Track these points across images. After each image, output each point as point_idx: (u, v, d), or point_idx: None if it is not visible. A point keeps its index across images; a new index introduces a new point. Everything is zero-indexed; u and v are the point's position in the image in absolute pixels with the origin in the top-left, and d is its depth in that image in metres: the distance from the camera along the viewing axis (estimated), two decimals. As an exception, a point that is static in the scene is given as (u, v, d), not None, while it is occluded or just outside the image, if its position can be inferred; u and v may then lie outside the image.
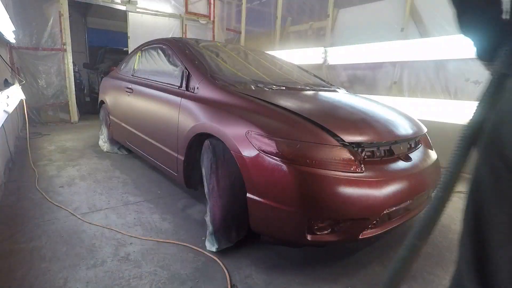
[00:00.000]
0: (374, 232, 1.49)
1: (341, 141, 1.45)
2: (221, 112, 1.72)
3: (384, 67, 4.31)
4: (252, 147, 1.46)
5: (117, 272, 1.48)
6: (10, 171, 2.78)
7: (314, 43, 5.38)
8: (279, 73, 2.56)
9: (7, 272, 1.44)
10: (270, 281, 1.47)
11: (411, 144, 1.84)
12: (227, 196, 1.62)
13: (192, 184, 2.13)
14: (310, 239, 1.39)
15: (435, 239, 1.95)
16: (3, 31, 3.15)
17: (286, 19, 6.05)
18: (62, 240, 1.73)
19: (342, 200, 1.35)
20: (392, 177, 1.50)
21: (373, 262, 1.67)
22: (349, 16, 4.86)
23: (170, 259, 1.60)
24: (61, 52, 5.05)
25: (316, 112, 1.74)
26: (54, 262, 1.52)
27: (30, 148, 3.22)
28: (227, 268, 1.53)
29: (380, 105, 2.17)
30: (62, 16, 4.95)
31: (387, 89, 4.29)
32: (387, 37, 4.09)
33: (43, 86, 5.02)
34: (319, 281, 1.49)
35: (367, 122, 1.69)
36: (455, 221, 2.24)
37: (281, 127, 1.47)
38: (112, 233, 1.83)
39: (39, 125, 4.97)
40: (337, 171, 1.38)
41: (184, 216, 2.10)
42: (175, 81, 2.19)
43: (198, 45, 2.51)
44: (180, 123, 2.03)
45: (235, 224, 1.65)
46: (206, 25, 6.91)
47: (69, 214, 2.02)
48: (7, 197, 2.25)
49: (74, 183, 2.59)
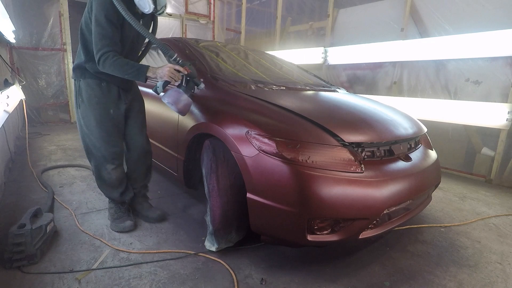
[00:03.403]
0: (374, 232, 1.49)
1: (341, 141, 1.45)
2: (221, 112, 1.72)
3: (384, 67, 4.31)
4: (252, 147, 1.46)
5: (117, 272, 1.48)
6: (10, 171, 2.78)
7: (314, 43, 5.38)
8: (279, 73, 2.56)
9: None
10: (270, 281, 1.47)
11: (411, 144, 1.84)
12: (227, 196, 1.62)
13: (192, 184, 2.13)
14: (310, 239, 1.39)
15: (435, 239, 1.96)
16: (3, 31, 3.15)
17: (286, 19, 6.05)
18: (62, 240, 1.73)
19: (342, 200, 1.35)
20: (392, 177, 1.50)
21: (373, 262, 1.67)
22: (349, 16, 4.86)
23: (170, 259, 1.60)
24: (61, 52, 5.05)
25: (316, 112, 1.73)
26: (54, 262, 1.52)
27: (29, 148, 3.22)
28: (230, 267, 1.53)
29: (380, 105, 2.17)
30: (62, 16, 4.95)
31: (387, 89, 4.29)
32: (387, 37, 4.09)
33: (43, 86, 5.02)
34: (319, 281, 1.49)
35: (367, 122, 1.69)
36: (455, 221, 2.24)
37: (281, 127, 1.47)
38: (112, 233, 1.83)
39: (39, 125, 4.98)
40: (337, 171, 1.38)
41: (184, 216, 2.10)
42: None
43: (198, 45, 2.51)
44: (180, 123, 2.03)
45: (235, 224, 1.65)
46: (206, 25, 6.91)
47: (70, 214, 2.02)
48: (7, 197, 2.25)
49: (74, 183, 2.59)
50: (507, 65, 3.14)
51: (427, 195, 1.92)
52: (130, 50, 1.75)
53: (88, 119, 1.73)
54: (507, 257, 1.81)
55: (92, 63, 1.64)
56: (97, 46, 1.54)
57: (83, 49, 1.68)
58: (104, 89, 1.73)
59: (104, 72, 1.62)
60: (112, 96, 1.76)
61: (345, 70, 4.85)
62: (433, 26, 3.76)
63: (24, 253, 1.47)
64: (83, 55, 1.68)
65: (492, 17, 3.25)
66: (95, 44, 1.54)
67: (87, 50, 1.67)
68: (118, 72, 1.57)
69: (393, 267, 1.64)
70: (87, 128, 1.74)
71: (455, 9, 3.56)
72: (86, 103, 1.71)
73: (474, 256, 1.79)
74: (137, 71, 1.57)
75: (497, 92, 3.24)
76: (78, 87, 1.72)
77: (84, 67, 1.69)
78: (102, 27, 1.52)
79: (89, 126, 1.74)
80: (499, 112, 3.00)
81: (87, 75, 1.70)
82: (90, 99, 1.71)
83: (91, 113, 1.71)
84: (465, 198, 2.75)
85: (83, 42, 1.67)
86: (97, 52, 1.54)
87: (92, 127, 1.73)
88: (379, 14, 4.38)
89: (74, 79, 1.75)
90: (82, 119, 1.75)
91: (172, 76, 1.58)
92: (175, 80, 1.60)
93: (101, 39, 1.52)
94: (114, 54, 1.55)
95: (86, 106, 1.71)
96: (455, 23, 3.55)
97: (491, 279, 1.59)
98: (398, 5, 4.09)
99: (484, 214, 2.39)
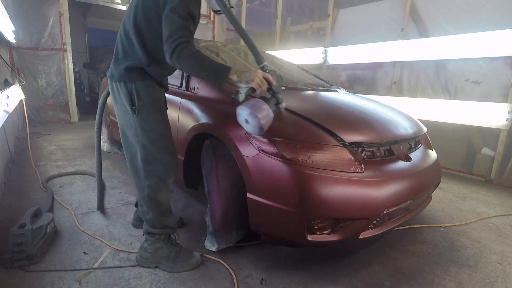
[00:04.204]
0: (374, 232, 1.49)
1: (341, 141, 1.45)
2: (221, 112, 1.72)
3: (384, 67, 4.31)
4: (252, 147, 1.46)
5: (117, 272, 1.48)
6: (10, 171, 2.78)
7: (314, 43, 5.38)
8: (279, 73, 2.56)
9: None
10: (270, 281, 1.47)
11: (411, 144, 1.84)
12: (227, 196, 1.62)
13: (192, 184, 2.13)
14: (310, 239, 1.39)
15: (435, 239, 1.96)
16: (3, 31, 3.15)
17: (286, 19, 6.05)
18: (62, 239, 1.73)
19: (342, 200, 1.35)
20: (392, 177, 1.50)
21: (373, 262, 1.67)
22: (349, 16, 4.86)
23: (170, 259, 1.60)
24: (61, 52, 5.05)
25: (316, 112, 1.73)
26: (54, 262, 1.52)
27: (30, 148, 3.22)
28: (230, 267, 1.53)
29: (380, 105, 2.17)
30: (62, 16, 4.94)
31: (387, 89, 4.29)
32: (387, 37, 4.09)
33: (43, 86, 5.02)
34: (319, 281, 1.49)
35: (367, 122, 1.69)
36: (455, 221, 2.24)
37: (281, 127, 1.47)
38: (112, 233, 1.83)
39: (39, 125, 4.98)
40: (337, 171, 1.38)
41: (184, 216, 2.10)
42: (175, 81, 2.18)
43: (198, 45, 2.50)
44: (180, 123, 2.03)
45: (235, 224, 1.65)
46: (206, 25, 6.91)
47: (70, 214, 2.02)
48: (7, 197, 2.25)
49: (74, 183, 2.59)
50: (507, 65, 3.14)
51: (427, 195, 1.92)
52: None
53: (151, 126, 1.45)
54: (507, 257, 1.81)
55: (155, 67, 1.43)
56: (174, 35, 1.27)
57: (142, 49, 1.41)
58: (163, 94, 1.53)
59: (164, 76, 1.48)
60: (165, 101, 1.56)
61: (345, 70, 4.85)
62: (433, 26, 3.76)
63: (25, 253, 1.47)
64: (143, 56, 1.41)
65: (492, 17, 3.25)
66: (170, 33, 1.28)
67: (147, 51, 1.41)
68: (194, 67, 1.31)
69: (393, 267, 1.64)
70: (148, 136, 1.45)
71: (455, 9, 3.56)
72: (148, 108, 1.43)
73: (474, 256, 1.79)
74: (218, 70, 1.32)
75: (497, 92, 3.24)
76: (134, 89, 1.42)
77: (143, 69, 1.43)
78: (184, 18, 1.30)
79: (151, 134, 1.45)
80: (499, 112, 3.00)
81: (147, 77, 1.44)
82: (153, 103, 1.45)
83: (155, 119, 1.45)
84: (465, 198, 2.75)
85: (141, 41, 1.40)
86: (173, 41, 1.26)
87: (157, 135, 1.46)
88: (379, 14, 4.38)
89: (125, 81, 1.43)
90: (141, 126, 1.44)
91: (260, 84, 1.34)
92: (262, 90, 1.36)
93: (181, 29, 1.28)
94: (194, 46, 1.30)
95: (148, 111, 1.43)
96: (455, 23, 3.55)
97: (491, 279, 1.59)
98: (398, 5, 4.09)
99: (484, 214, 2.39)
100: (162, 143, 1.48)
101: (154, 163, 1.48)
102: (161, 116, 1.49)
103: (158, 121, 1.46)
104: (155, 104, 1.46)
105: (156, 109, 1.46)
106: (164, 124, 1.49)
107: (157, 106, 1.47)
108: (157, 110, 1.47)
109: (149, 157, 1.47)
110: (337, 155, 1.41)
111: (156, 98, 1.47)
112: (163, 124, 1.49)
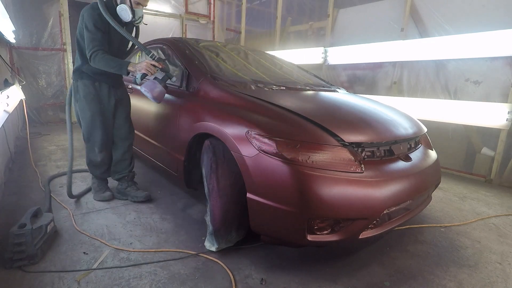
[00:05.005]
0: (374, 232, 1.49)
1: (341, 141, 1.45)
2: (221, 112, 1.72)
3: (384, 67, 4.31)
4: (252, 147, 1.46)
5: (117, 272, 1.48)
6: (10, 171, 2.78)
7: (314, 43, 5.38)
8: (279, 73, 2.56)
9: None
10: (270, 281, 1.47)
11: (411, 144, 1.84)
12: (227, 196, 1.62)
13: (192, 184, 2.13)
14: (310, 239, 1.39)
15: (435, 239, 1.96)
16: (3, 31, 3.15)
17: (286, 19, 6.05)
18: (62, 239, 1.73)
19: (342, 200, 1.35)
20: (392, 177, 1.50)
21: (373, 262, 1.67)
22: (349, 16, 4.86)
23: (170, 259, 1.60)
24: (61, 52, 5.05)
25: (316, 112, 1.73)
26: (54, 262, 1.52)
27: (30, 148, 3.22)
28: (229, 268, 1.53)
29: (380, 105, 2.17)
30: (62, 16, 4.95)
31: (387, 89, 4.29)
32: (387, 37, 4.09)
33: (43, 86, 5.02)
34: (319, 281, 1.49)
35: (367, 122, 1.69)
36: (455, 221, 2.24)
37: (281, 127, 1.47)
38: (112, 233, 1.83)
39: (39, 125, 4.98)
40: (337, 171, 1.38)
41: (184, 216, 2.10)
42: (175, 81, 2.19)
43: (198, 45, 2.51)
44: (180, 123, 2.03)
45: (235, 224, 1.65)
46: (206, 25, 6.92)
47: (70, 214, 2.02)
48: (7, 197, 2.25)
49: (74, 183, 2.58)
50: (507, 65, 3.14)
51: (427, 195, 1.92)
52: (117, 52, 2.10)
53: (84, 113, 2.10)
54: (507, 257, 1.81)
55: (88, 65, 2.01)
56: (89, 47, 1.91)
57: (80, 55, 2.04)
58: (97, 88, 2.10)
59: (97, 73, 2.03)
60: (103, 93, 2.12)
61: (345, 70, 4.85)
62: (433, 26, 3.76)
63: (25, 253, 1.47)
64: (80, 60, 2.05)
65: (492, 17, 3.25)
66: (87, 46, 1.92)
67: (83, 56, 2.02)
68: (105, 66, 1.92)
69: (393, 267, 1.64)
70: (83, 119, 2.12)
71: (455, 9, 3.57)
72: (83, 100, 2.08)
73: (474, 256, 1.79)
74: (120, 65, 1.92)
75: (497, 92, 3.24)
76: (76, 86, 2.08)
77: (81, 69, 2.05)
78: (92, 33, 1.91)
79: (84, 118, 2.11)
80: (499, 112, 3.00)
81: (84, 76, 2.06)
82: (86, 96, 2.07)
83: (87, 107, 2.08)
84: (465, 198, 2.75)
85: (80, 49, 2.03)
86: (89, 52, 1.91)
87: (88, 119, 2.10)
88: (379, 14, 4.38)
89: (73, 80, 2.10)
90: (79, 112, 2.13)
91: (148, 69, 1.91)
92: (151, 73, 1.92)
93: (92, 41, 1.91)
94: (103, 52, 1.91)
95: (83, 102, 2.08)
96: (455, 23, 3.55)
97: (491, 279, 1.59)
98: (398, 5, 4.09)
99: (484, 214, 2.39)
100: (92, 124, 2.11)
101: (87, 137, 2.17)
102: (92, 106, 2.08)
103: (89, 109, 2.08)
104: (88, 97, 2.07)
105: (88, 101, 2.07)
106: (94, 111, 2.09)
107: (90, 98, 2.07)
108: (89, 101, 2.07)
109: (85, 133, 2.16)
110: (337, 155, 1.41)
111: (89, 92, 2.06)
112: (93, 111, 2.09)
